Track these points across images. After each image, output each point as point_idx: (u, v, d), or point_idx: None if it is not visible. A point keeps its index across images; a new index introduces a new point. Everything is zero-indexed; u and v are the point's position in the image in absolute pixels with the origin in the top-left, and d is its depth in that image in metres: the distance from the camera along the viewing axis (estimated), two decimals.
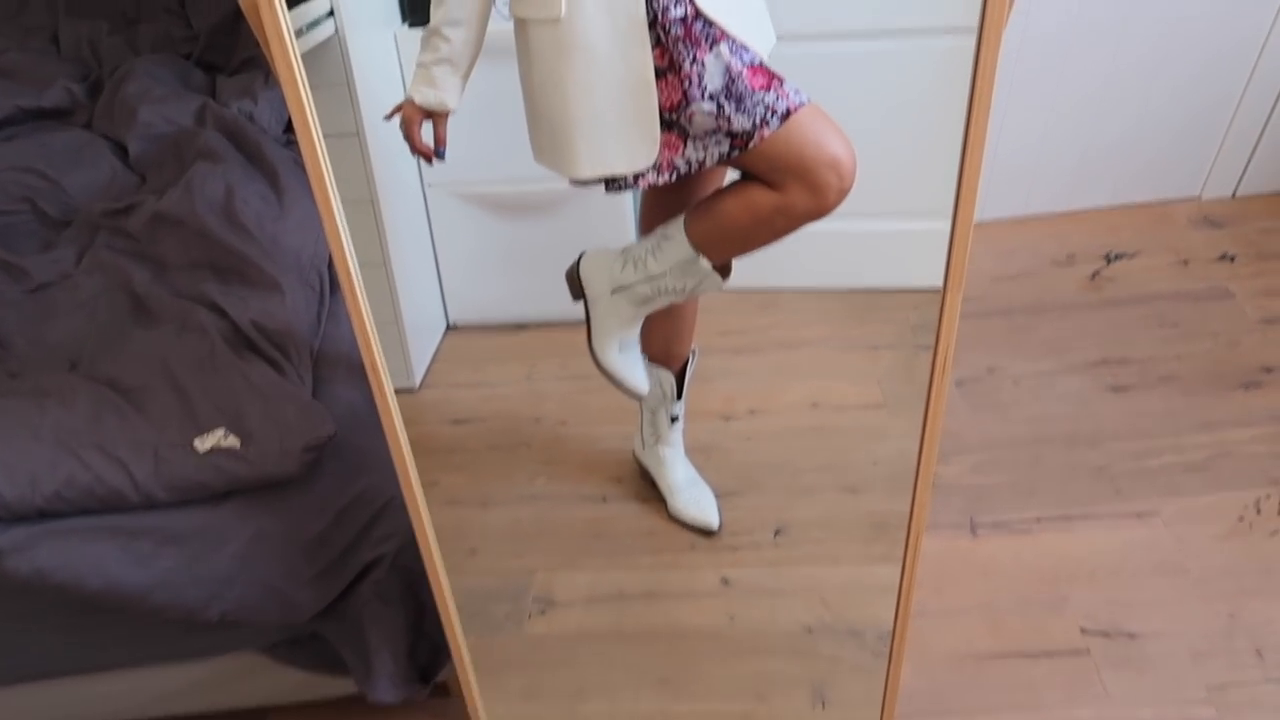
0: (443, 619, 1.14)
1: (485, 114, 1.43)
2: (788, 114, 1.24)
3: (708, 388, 1.73)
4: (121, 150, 1.77)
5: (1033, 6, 2.18)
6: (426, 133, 1.30)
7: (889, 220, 2.26)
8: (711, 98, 1.21)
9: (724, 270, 1.42)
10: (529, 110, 1.32)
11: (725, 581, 1.65)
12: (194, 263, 1.42)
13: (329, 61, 1.84)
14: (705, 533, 1.71)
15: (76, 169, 1.71)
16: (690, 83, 1.20)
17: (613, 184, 1.33)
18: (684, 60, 1.19)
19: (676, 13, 1.18)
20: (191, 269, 1.42)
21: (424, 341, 2.22)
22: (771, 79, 1.24)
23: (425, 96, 1.26)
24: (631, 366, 1.55)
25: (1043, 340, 2.11)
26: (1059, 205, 2.51)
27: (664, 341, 1.64)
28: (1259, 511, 1.69)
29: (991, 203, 2.47)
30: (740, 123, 1.22)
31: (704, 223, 1.37)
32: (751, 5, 1.27)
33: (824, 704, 1.48)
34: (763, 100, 1.23)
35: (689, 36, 1.19)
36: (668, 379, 1.66)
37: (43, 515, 1.15)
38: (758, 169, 1.29)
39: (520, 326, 2.36)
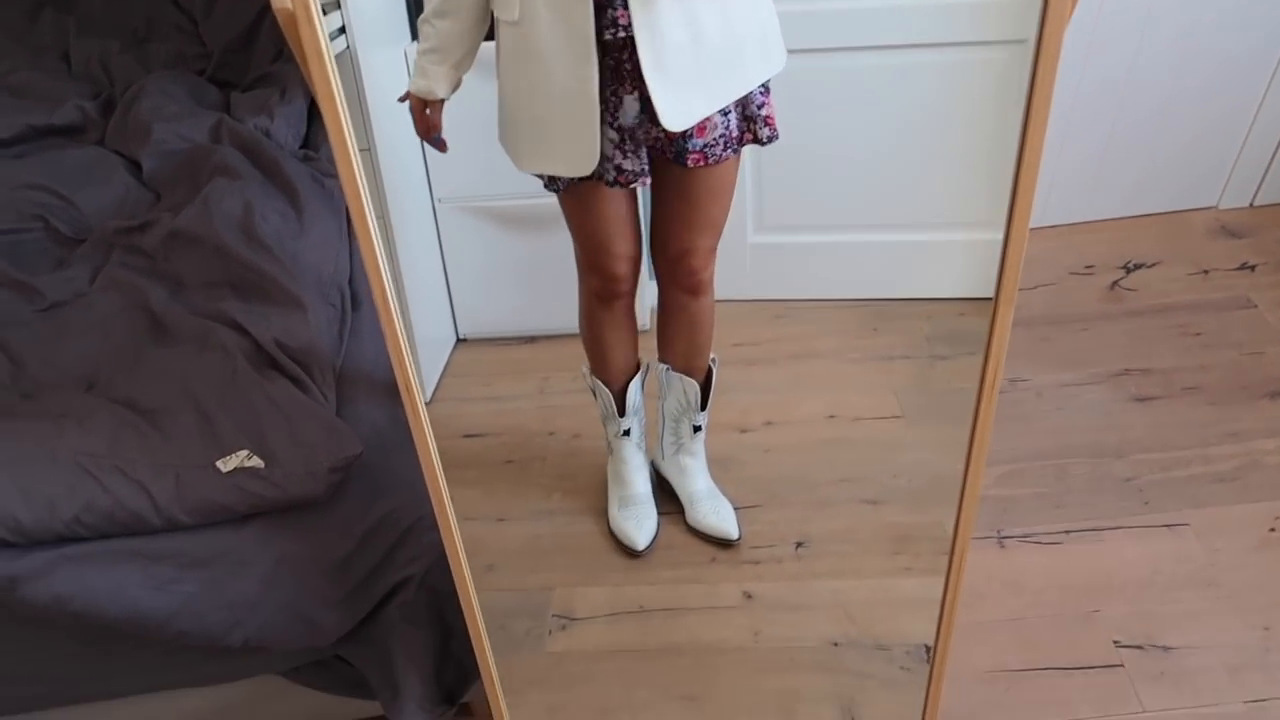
0: (473, 641, 1.11)
1: (492, 128, 1.43)
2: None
3: (723, 400, 1.72)
4: (135, 167, 1.75)
5: None
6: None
7: (900, 232, 2.25)
8: (618, 130, 1.31)
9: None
10: (499, 97, 1.38)
11: (748, 596, 1.63)
12: (212, 281, 1.40)
13: (340, 78, 1.83)
14: (724, 543, 1.70)
15: (89, 186, 1.68)
16: (607, 108, 1.29)
17: (551, 183, 1.42)
18: (606, 87, 1.27)
19: (614, 34, 1.22)
20: (209, 287, 1.39)
21: (434, 355, 2.21)
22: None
23: (416, 85, 1.33)
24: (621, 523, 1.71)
25: (1064, 351, 2.09)
26: (1076, 216, 2.50)
27: (683, 355, 1.65)
28: None
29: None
30: (632, 164, 1.35)
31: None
32: (730, 45, 1.28)
33: None
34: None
35: (617, 70, 1.26)
36: (691, 388, 1.66)
37: (61, 540, 1.12)
38: None
39: (531, 339, 2.34)
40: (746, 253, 2.18)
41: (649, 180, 1.37)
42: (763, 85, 1.36)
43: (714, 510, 1.72)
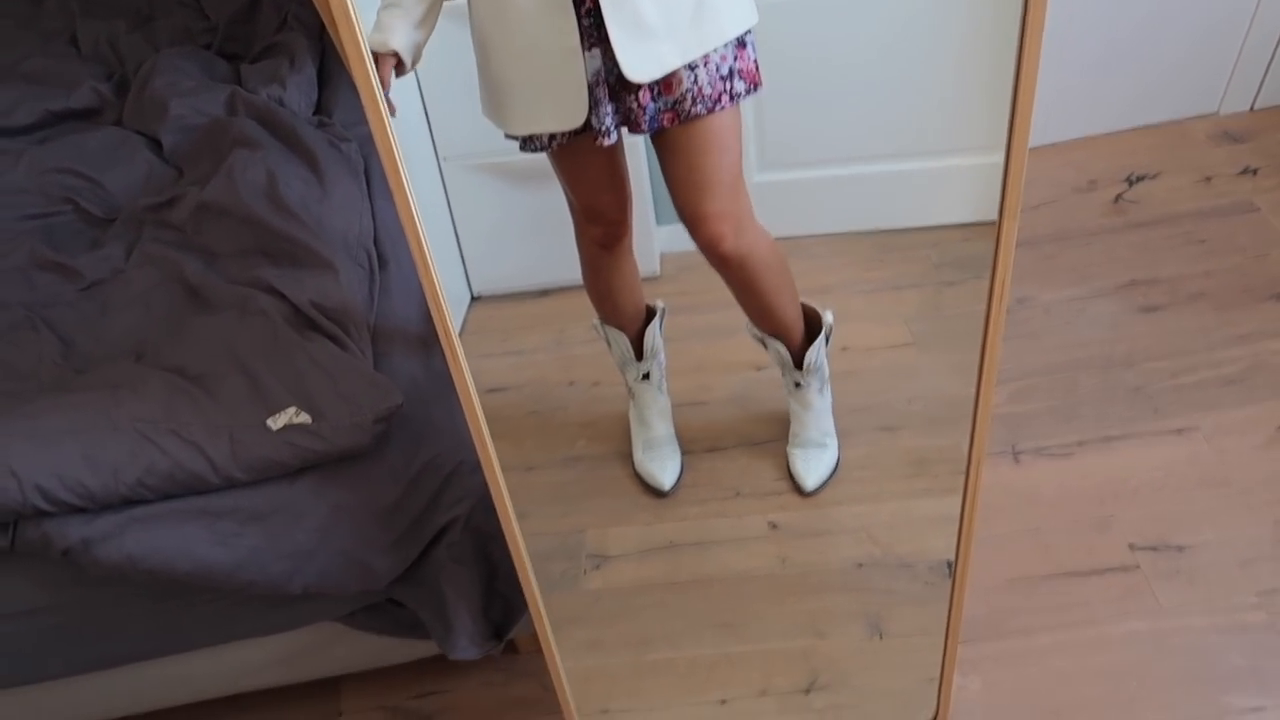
0: (520, 575, 1.17)
1: None
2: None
3: (736, 340, 1.76)
4: (155, 145, 1.78)
5: None
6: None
7: (903, 161, 2.27)
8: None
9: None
10: (478, 67, 1.37)
11: (773, 525, 1.69)
12: (243, 249, 1.44)
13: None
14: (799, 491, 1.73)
15: (114, 166, 1.72)
16: None
17: (528, 143, 1.41)
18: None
19: None
20: (242, 255, 1.44)
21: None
22: None
23: (371, 39, 1.24)
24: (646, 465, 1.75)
25: (1070, 267, 2.12)
26: (1075, 132, 2.50)
27: (756, 318, 1.65)
28: None
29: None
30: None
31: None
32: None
33: (881, 635, 1.52)
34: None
35: (580, 22, 1.23)
36: (780, 349, 1.66)
37: (127, 503, 1.19)
38: None
39: (545, 292, 2.37)
40: (751, 193, 2.21)
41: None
42: (739, 39, 1.33)
43: (802, 457, 1.73)
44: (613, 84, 1.31)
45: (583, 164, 1.47)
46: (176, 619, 1.34)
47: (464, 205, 2.27)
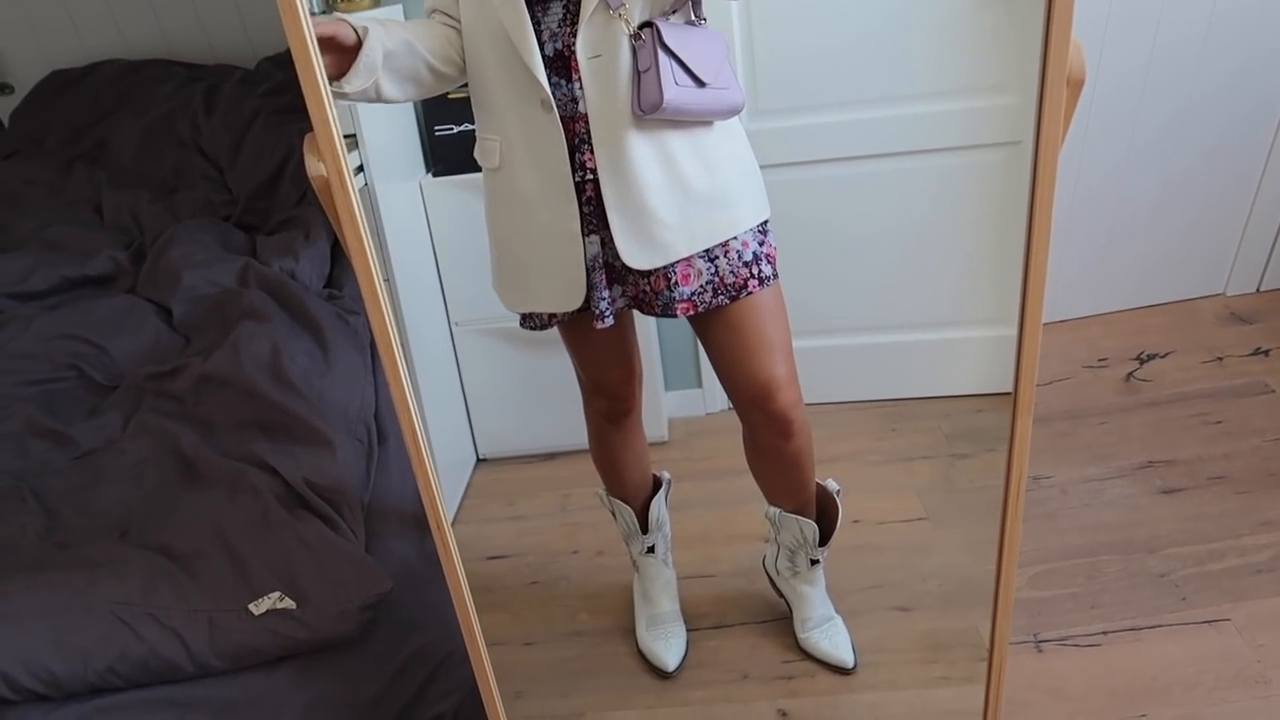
0: None
1: None
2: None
3: (746, 510, 1.72)
4: (166, 313, 1.81)
5: None
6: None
7: (914, 332, 2.29)
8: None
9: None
10: (490, 244, 1.41)
11: (783, 714, 1.60)
12: (242, 423, 1.43)
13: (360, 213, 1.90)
14: (841, 670, 1.65)
15: (121, 334, 1.74)
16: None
17: (528, 320, 1.42)
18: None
19: (582, 177, 1.25)
20: (239, 429, 1.42)
21: (455, 477, 2.22)
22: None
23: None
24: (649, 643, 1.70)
25: (1085, 445, 2.08)
26: (1085, 309, 2.53)
27: (788, 495, 1.59)
28: None
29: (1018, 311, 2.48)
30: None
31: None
32: (714, 187, 1.29)
33: None
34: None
35: (582, 208, 1.26)
36: (809, 527, 1.59)
37: (94, 691, 1.12)
38: None
39: (551, 455, 2.35)
40: None
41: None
42: (759, 227, 1.35)
43: (826, 636, 1.66)
44: (618, 268, 1.32)
45: (588, 340, 1.47)
46: None
47: (473, 368, 2.28)
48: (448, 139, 2.06)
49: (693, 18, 1.26)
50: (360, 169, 1.83)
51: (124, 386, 1.63)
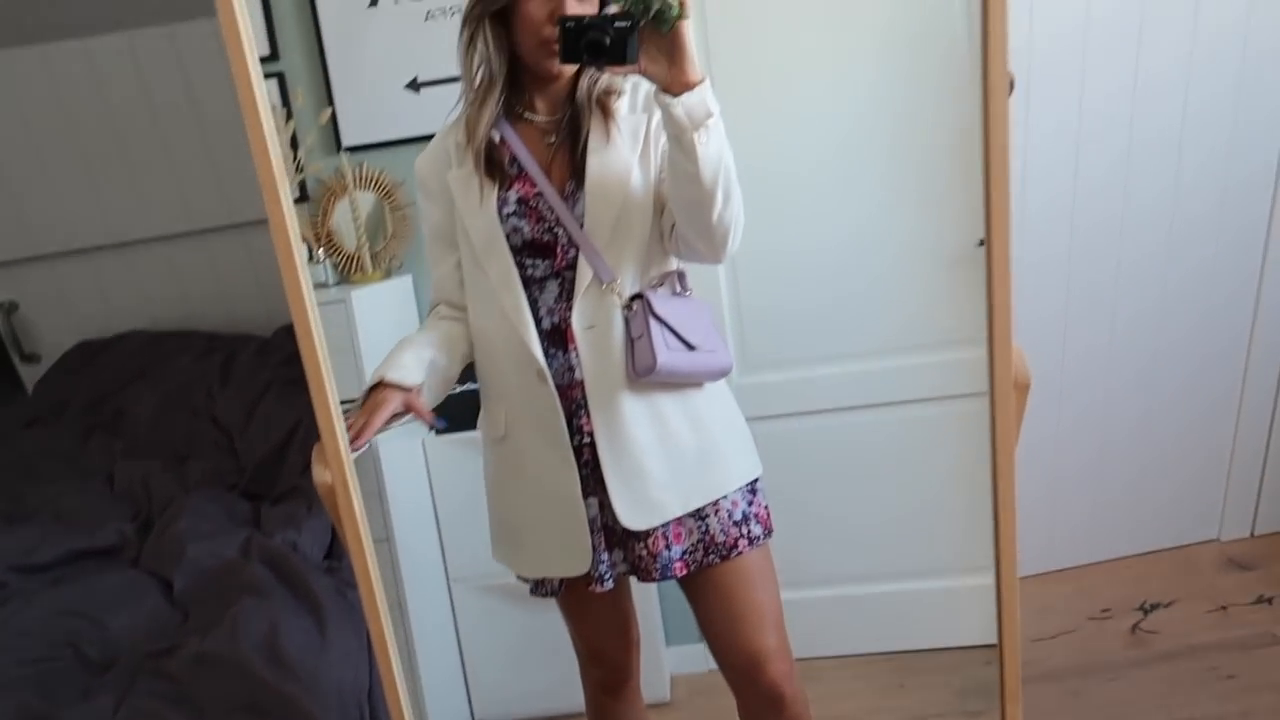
0: None
1: None
2: None
3: None
4: (167, 585, 1.82)
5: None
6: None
7: (917, 580, 2.27)
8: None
9: None
10: (490, 512, 1.45)
11: None
12: (234, 705, 1.41)
13: (362, 472, 1.95)
14: None
15: (121, 608, 1.74)
16: None
17: (539, 587, 1.44)
18: None
19: (580, 441, 1.31)
20: (231, 712, 1.40)
21: None
22: None
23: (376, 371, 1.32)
24: None
25: (1099, 705, 2.02)
26: (1082, 558, 2.52)
27: None
28: None
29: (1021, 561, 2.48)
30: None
31: None
32: (702, 446, 1.35)
33: None
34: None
35: (580, 471, 1.32)
36: None
37: None
38: None
39: None
40: None
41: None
42: (749, 485, 1.38)
43: None
44: (619, 532, 1.35)
45: (587, 607, 1.48)
46: None
47: (472, 627, 2.25)
48: (451, 398, 2.14)
49: (679, 289, 1.36)
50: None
51: (119, 665, 1.61)
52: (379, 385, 1.28)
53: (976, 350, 2.09)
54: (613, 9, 1.12)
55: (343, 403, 1.12)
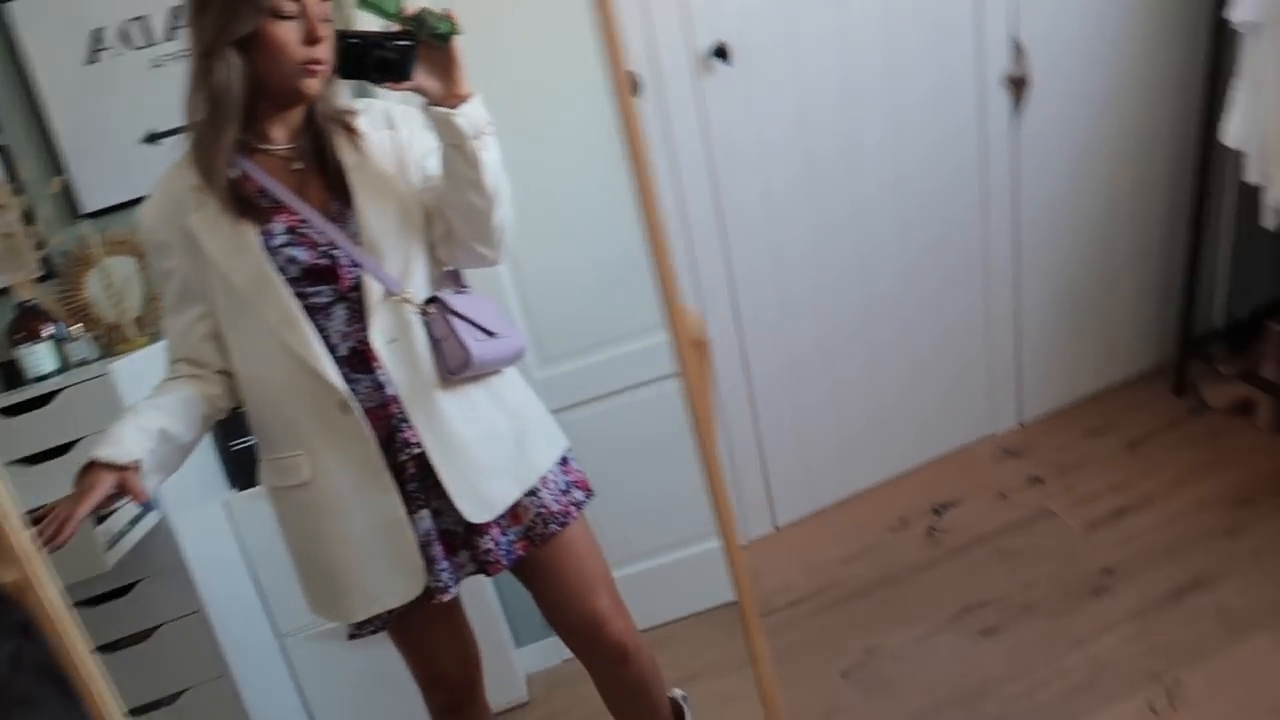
0: None
1: None
2: None
3: None
4: None
5: (756, 336, 2.45)
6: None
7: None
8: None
9: None
10: (297, 567, 1.41)
11: None
12: None
13: (160, 547, 1.86)
14: None
15: None
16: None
17: (364, 626, 1.41)
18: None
19: (408, 454, 1.32)
20: None
21: None
22: None
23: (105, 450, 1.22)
24: None
25: (905, 607, 2.17)
26: (876, 476, 2.67)
27: None
28: (1156, 712, 1.72)
29: (815, 493, 2.62)
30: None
31: None
32: (519, 430, 1.40)
33: None
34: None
35: (407, 495, 1.33)
36: None
37: None
38: None
39: None
40: None
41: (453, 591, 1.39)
42: (561, 457, 1.45)
43: None
44: (459, 535, 1.36)
45: (422, 631, 1.47)
46: None
47: (312, 678, 2.20)
48: (245, 450, 2.07)
49: (461, 285, 1.41)
50: (150, 506, 1.82)
51: None
52: (90, 465, 1.20)
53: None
54: (394, 28, 1.15)
55: None
